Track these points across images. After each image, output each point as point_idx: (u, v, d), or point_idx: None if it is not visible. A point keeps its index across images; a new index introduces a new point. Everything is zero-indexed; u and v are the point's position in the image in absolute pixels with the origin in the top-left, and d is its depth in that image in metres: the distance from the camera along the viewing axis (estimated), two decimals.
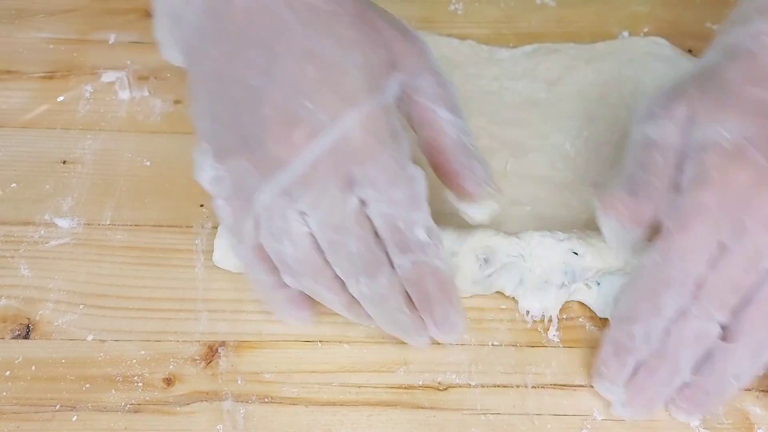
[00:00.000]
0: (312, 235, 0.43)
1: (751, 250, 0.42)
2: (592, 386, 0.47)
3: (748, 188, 0.42)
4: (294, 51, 0.42)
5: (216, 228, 0.51)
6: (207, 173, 0.44)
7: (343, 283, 0.44)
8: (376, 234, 0.43)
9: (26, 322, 0.48)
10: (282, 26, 0.42)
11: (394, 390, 0.47)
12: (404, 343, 0.48)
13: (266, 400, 0.46)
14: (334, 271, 0.44)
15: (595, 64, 0.58)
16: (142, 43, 0.59)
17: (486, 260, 0.48)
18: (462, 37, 0.60)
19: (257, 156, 0.42)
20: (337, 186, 0.42)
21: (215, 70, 0.44)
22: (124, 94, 0.57)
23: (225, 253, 0.49)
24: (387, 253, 0.44)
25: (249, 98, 0.42)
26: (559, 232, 0.49)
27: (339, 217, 0.42)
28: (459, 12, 0.62)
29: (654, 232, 0.45)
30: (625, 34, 0.61)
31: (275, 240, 0.43)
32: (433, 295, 0.44)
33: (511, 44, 0.60)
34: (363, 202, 0.42)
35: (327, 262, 0.43)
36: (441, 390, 0.47)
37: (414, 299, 0.45)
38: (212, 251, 0.50)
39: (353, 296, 0.45)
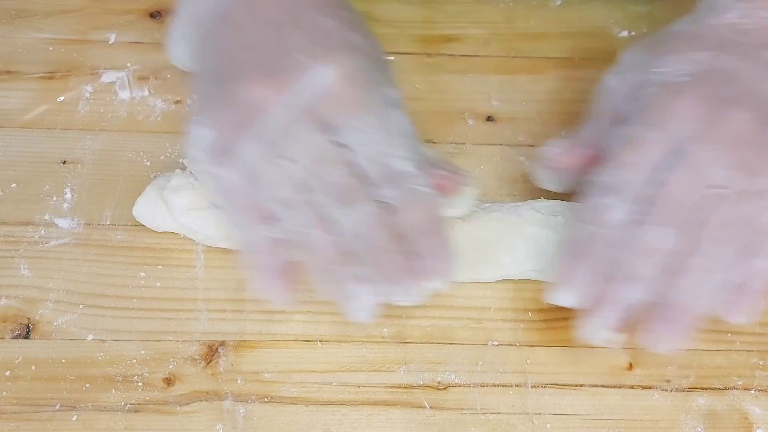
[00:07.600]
0: (293, 178, 0.44)
1: (693, 170, 0.44)
2: (591, 385, 0.47)
3: (692, 117, 0.45)
4: (293, 23, 0.46)
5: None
6: (204, 140, 0.45)
7: (329, 221, 0.44)
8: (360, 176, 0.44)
9: (26, 322, 0.48)
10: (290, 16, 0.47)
11: (393, 389, 0.47)
12: (404, 342, 0.48)
13: (266, 399, 0.46)
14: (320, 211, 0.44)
15: None
16: (142, 43, 0.59)
17: None
18: (461, 38, 0.60)
19: (239, 103, 0.44)
20: (316, 131, 0.44)
21: (219, 51, 0.47)
22: (124, 95, 0.57)
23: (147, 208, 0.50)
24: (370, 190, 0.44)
25: (237, 61, 0.46)
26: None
27: (320, 159, 0.44)
28: (459, 12, 0.62)
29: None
30: (625, 34, 0.61)
31: (267, 188, 0.44)
32: (420, 223, 0.44)
33: (510, 44, 0.60)
34: (346, 147, 0.44)
35: (310, 202, 0.44)
36: (441, 389, 0.47)
37: (403, 230, 0.44)
38: (212, 253, 0.50)
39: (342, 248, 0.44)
